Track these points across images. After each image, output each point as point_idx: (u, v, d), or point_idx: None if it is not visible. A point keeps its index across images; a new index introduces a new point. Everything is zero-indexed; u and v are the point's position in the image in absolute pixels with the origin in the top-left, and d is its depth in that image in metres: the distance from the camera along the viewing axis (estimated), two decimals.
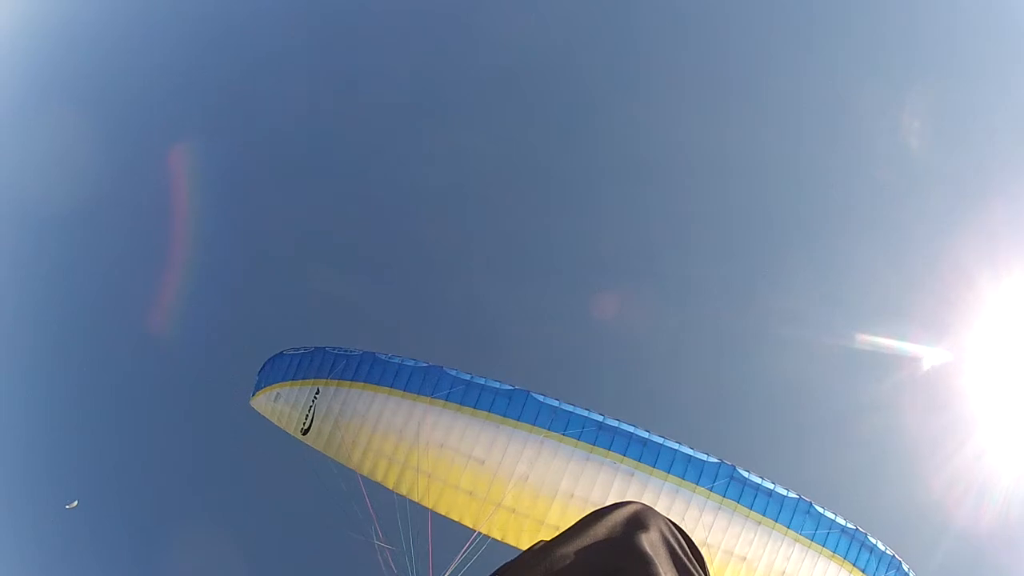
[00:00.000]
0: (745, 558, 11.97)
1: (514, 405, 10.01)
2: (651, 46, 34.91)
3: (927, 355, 27.26)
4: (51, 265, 39.81)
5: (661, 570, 2.28)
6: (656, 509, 2.75)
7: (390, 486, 10.48)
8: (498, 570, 2.52)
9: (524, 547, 10.83)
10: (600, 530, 2.50)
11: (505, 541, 10.62)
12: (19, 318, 39.43)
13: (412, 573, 10.07)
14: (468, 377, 10.09)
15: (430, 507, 10.30)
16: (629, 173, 32.95)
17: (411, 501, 10.53)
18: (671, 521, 2.69)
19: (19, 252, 40.58)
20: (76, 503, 32.42)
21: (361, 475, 10.73)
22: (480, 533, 10.40)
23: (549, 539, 2.63)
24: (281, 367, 11.20)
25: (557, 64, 35.01)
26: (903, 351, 27.31)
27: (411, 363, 10.28)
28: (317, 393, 10.72)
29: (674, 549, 2.51)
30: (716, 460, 11.16)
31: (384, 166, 34.75)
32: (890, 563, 13.37)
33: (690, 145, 31.68)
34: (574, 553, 2.40)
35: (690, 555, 2.54)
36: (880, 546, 13.19)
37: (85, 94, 41.66)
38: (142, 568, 34.72)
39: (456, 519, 10.45)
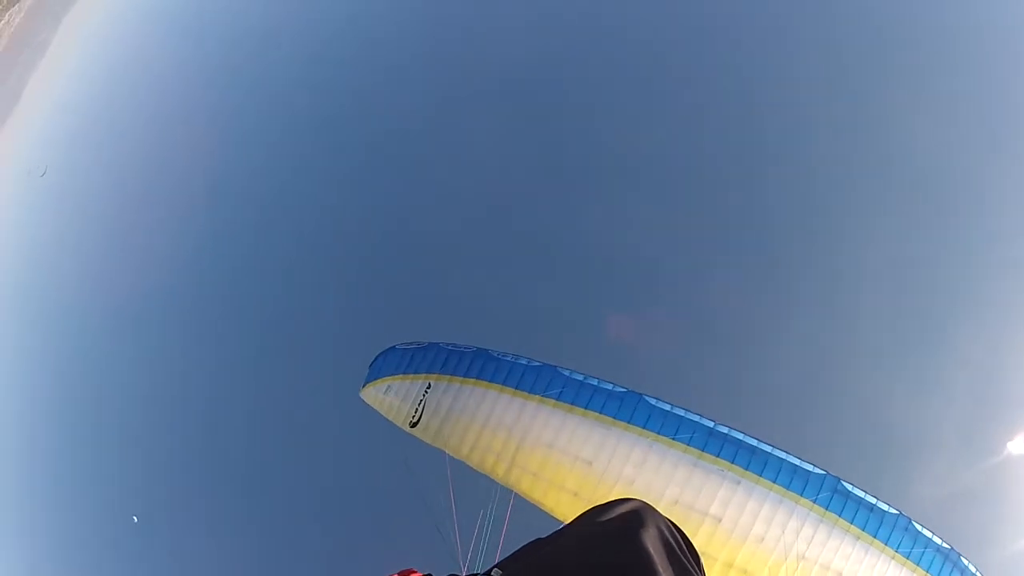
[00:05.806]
0: (841, 573, 11.79)
1: (625, 407, 9.99)
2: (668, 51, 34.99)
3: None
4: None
5: (660, 567, 2.30)
6: (657, 510, 2.77)
7: (497, 479, 10.55)
8: (498, 564, 2.55)
9: None
10: (601, 526, 2.54)
11: None
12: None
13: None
14: (581, 377, 10.12)
15: (536, 503, 10.34)
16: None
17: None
18: (670, 520, 2.76)
19: None
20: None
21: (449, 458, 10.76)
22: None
23: (548, 535, 2.67)
24: (393, 361, 11.39)
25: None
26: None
27: (524, 361, 10.35)
28: (428, 387, 10.88)
29: (672, 547, 2.54)
30: (822, 471, 10.98)
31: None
32: None
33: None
34: (575, 547, 2.47)
35: (687, 554, 2.57)
36: (972, 568, 12.86)
37: None
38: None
39: (560, 519, 10.47)
